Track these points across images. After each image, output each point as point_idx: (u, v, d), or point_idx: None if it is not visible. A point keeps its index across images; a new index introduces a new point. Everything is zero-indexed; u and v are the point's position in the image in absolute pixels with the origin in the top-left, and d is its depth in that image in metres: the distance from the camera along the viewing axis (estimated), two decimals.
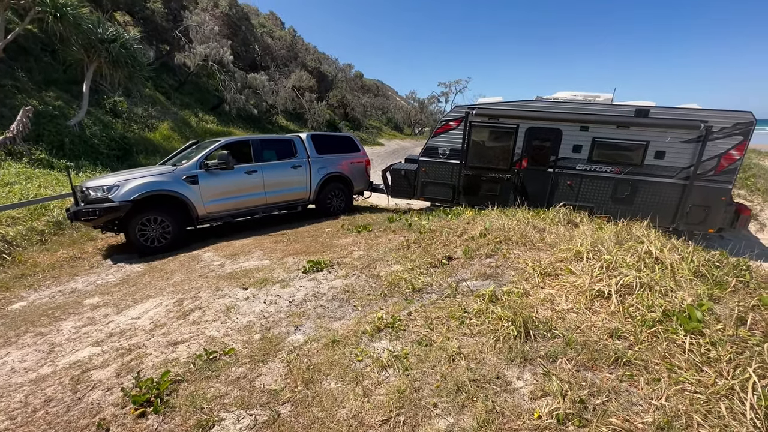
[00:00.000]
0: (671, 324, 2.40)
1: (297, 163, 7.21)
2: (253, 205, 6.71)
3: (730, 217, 6.89)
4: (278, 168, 6.96)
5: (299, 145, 7.38)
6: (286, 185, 7.08)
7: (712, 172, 6.68)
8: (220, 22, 21.34)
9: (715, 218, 6.85)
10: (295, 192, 7.25)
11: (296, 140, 7.40)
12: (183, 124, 17.36)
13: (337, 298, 3.50)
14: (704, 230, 6.99)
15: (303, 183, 7.33)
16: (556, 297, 3.00)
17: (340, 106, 33.38)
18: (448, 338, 2.59)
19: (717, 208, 6.78)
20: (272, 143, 7.16)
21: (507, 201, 7.21)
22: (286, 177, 7.07)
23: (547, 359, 2.29)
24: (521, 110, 7.04)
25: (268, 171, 6.77)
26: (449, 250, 4.30)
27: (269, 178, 6.78)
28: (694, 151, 6.64)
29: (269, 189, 6.81)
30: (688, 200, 6.79)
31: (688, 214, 6.85)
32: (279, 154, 7.07)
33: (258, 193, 6.69)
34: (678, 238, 4.28)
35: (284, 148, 7.19)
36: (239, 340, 2.83)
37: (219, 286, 3.94)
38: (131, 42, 12.57)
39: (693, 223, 6.92)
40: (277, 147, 7.14)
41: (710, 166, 6.66)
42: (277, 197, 6.99)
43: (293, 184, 7.19)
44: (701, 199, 6.77)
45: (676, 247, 3.50)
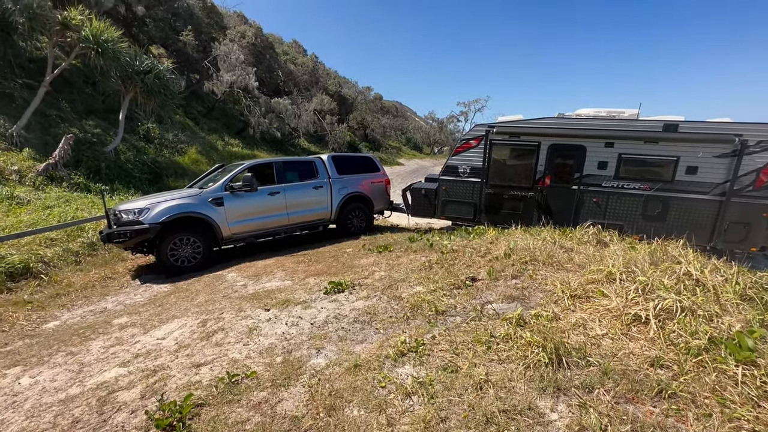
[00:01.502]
0: (719, 353, 2.22)
1: (318, 184, 7.31)
2: (275, 225, 6.83)
3: None
4: (300, 189, 7.08)
5: (320, 166, 7.49)
6: (307, 206, 7.17)
7: (751, 188, 6.35)
8: (246, 51, 22.45)
9: (757, 236, 6.46)
10: (316, 212, 7.33)
11: (317, 161, 7.52)
12: (210, 148, 18.09)
13: (359, 320, 3.44)
14: (746, 249, 6.56)
15: (324, 203, 7.40)
16: (588, 321, 2.85)
17: (360, 128, 34.05)
18: (474, 364, 2.48)
19: (758, 226, 6.42)
20: (294, 165, 7.32)
21: (530, 219, 7.04)
22: (307, 198, 7.17)
23: (582, 389, 2.15)
24: (543, 127, 6.96)
25: (290, 192, 6.90)
26: (473, 270, 4.20)
27: (291, 198, 6.90)
28: (729, 166, 6.34)
29: (291, 210, 6.91)
30: (726, 217, 6.44)
31: (726, 231, 6.47)
32: (301, 176, 7.21)
33: (281, 213, 6.81)
34: (718, 257, 4.03)
35: (306, 170, 7.31)
36: (261, 363, 2.81)
37: (242, 307, 3.96)
38: (164, 73, 13.34)
39: (733, 241, 6.53)
40: (299, 168, 7.28)
41: (748, 182, 6.34)
42: (299, 218, 7.09)
43: (315, 205, 7.28)
44: (740, 215, 6.42)
45: (718, 268, 3.28)
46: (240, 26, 25.42)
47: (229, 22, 26.76)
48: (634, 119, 6.84)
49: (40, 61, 12.78)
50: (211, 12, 23.99)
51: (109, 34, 11.63)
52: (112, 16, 16.42)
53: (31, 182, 9.41)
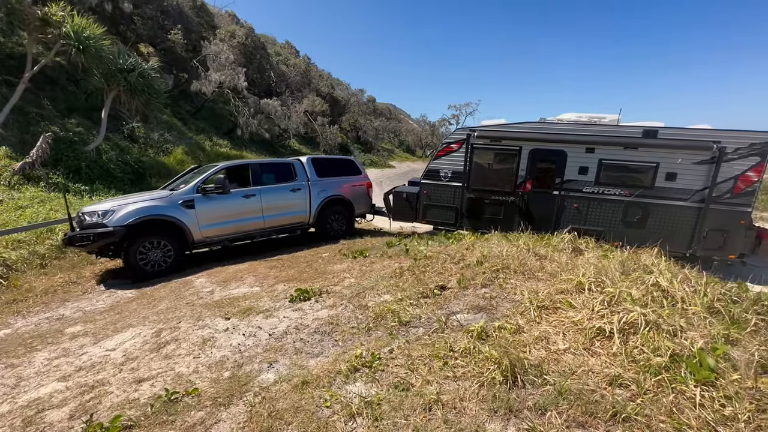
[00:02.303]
0: (680, 372, 2.11)
1: (296, 187, 7.15)
2: (250, 229, 6.65)
3: (751, 243, 6.47)
4: (277, 191, 6.90)
5: (299, 168, 7.32)
6: (284, 209, 7.00)
7: (729, 195, 6.32)
8: (236, 51, 22.24)
9: (735, 243, 6.43)
10: (294, 215, 7.17)
11: (296, 163, 7.35)
12: (197, 148, 17.84)
13: (320, 330, 3.30)
14: (724, 256, 6.52)
15: (302, 206, 7.25)
16: (552, 334, 2.73)
17: (353, 130, 33.91)
18: (428, 381, 2.35)
19: (736, 233, 6.38)
20: (271, 167, 7.16)
21: (512, 225, 6.93)
22: (285, 200, 7.00)
23: (535, 411, 2.03)
24: (524, 132, 6.88)
25: (266, 194, 6.72)
26: (444, 278, 4.07)
27: (268, 201, 6.72)
28: (708, 172, 6.31)
29: (268, 213, 6.73)
30: (705, 224, 6.41)
31: (705, 239, 6.43)
32: (278, 178, 7.04)
33: (256, 217, 6.63)
34: (694, 264, 3.96)
35: (284, 172, 7.14)
36: (207, 378, 2.65)
37: (201, 315, 3.79)
38: (148, 71, 13.11)
39: (711, 248, 6.49)
40: (277, 170, 7.11)
41: (726, 189, 6.30)
42: (276, 221, 6.92)
43: (292, 208, 7.11)
44: (718, 223, 6.38)
45: (689, 278, 3.18)
46: (231, 26, 25.21)
47: (219, 21, 26.54)
48: (615, 125, 6.79)
49: (21, 57, 12.49)
50: (201, 11, 23.76)
51: (91, 31, 11.39)
52: (98, 13, 16.15)
53: (6, 182, 9.15)
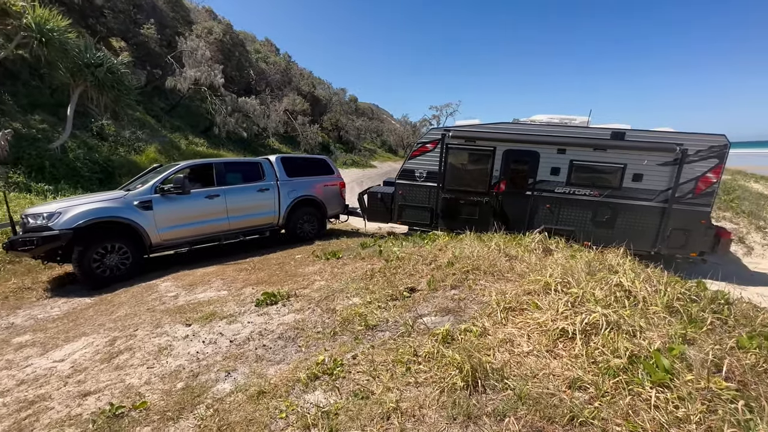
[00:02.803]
0: (637, 373, 2.11)
1: (264, 187, 6.91)
2: (214, 231, 6.36)
3: (711, 241, 6.78)
4: (243, 192, 6.65)
5: (267, 167, 7.09)
6: (251, 210, 6.75)
7: (690, 195, 6.61)
8: (213, 48, 21.72)
9: (696, 242, 6.74)
10: (261, 217, 6.92)
11: (264, 163, 7.13)
12: (172, 147, 17.30)
13: (284, 336, 3.19)
14: (686, 254, 6.85)
15: (271, 207, 7.01)
16: (516, 337, 2.71)
17: (334, 129, 33.65)
18: (388, 388, 2.28)
19: (697, 232, 6.69)
20: (238, 166, 6.93)
21: (486, 225, 6.97)
22: (251, 201, 6.74)
23: (494, 417, 1.99)
24: (498, 132, 6.93)
25: (231, 195, 6.45)
26: (414, 280, 4.02)
27: (233, 202, 6.45)
28: (671, 174, 6.57)
29: (233, 214, 6.47)
30: (668, 223, 6.68)
31: (669, 237, 6.70)
32: (245, 178, 6.79)
33: (220, 218, 6.37)
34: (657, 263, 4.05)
35: (251, 171, 6.89)
36: (159, 390, 2.51)
37: (161, 322, 3.62)
38: (118, 66, 12.61)
39: (674, 247, 6.79)
40: (243, 170, 6.87)
41: (688, 189, 6.59)
42: (242, 222, 6.68)
43: (260, 209, 6.87)
44: (681, 222, 6.67)
45: (651, 278, 3.23)
46: (208, 22, 24.61)
47: (196, 17, 25.87)
48: (585, 126, 6.94)
49: None
50: (176, 6, 23.11)
51: (55, 23, 10.87)
52: (65, 4, 15.47)
53: None
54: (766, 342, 2.35)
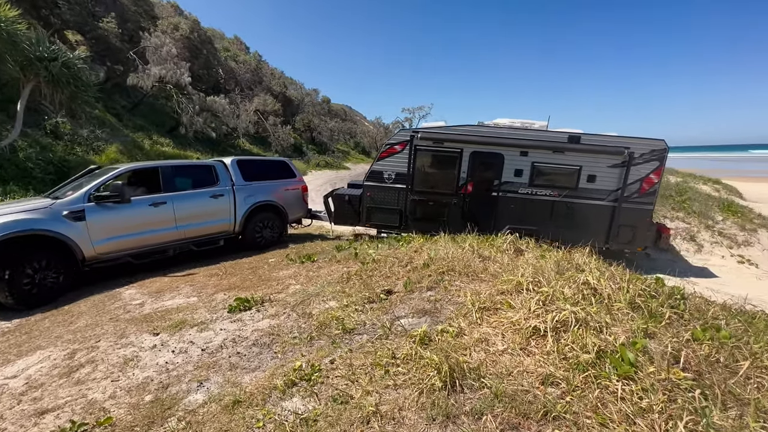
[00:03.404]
0: (605, 367, 2.22)
1: (218, 192, 6.43)
2: (161, 241, 5.82)
3: (653, 236, 7.49)
4: (194, 198, 6.14)
5: (221, 171, 6.62)
6: (204, 217, 6.25)
7: (636, 195, 7.22)
8: (179, 44, 20.91)
9: (642, 237, 7.38)
10: (215, 224, 6.45)
11: (218, 166, 6.64)
12: (134, 147, 16.49)
13: (259, 342, 3.11)
14: (633, 249, 7.50)
15: (226, 214, 6.54)
16: (491, 336, 2.78)
17: (307, 130, 33.25)
18: (368, 392, 2.28)
19: (642, 228, 7.33)
20: (188, 170, 6.41)
21: (455, 226, 7.09)
22: (204, 208, 6.24)
23: (472, 416, 2.03)
24: (466, 135, 7.15)
25: (180, 202, 5.92)
26: (391, 282, 4.04)
27: (183, 209, 5.93)
28: (620, 175, 7.15)
29: (183, 222, 5.96)
30: (618, 221, 7.24)
31: (618, 234, 7.29)
32: (196, 183, 6.28)
33: (168, 227, 5.83)
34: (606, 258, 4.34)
35: (203, 175, 6.41)
36: (125, 404, 2.38)
37: (126, 332, 3.44)
38: (74, 61, 11.90)
39: (623, 242, 7.40)
40: (194, 174, 6.37)
41: (634, 189, 7.19)
42: (193, 231, 6.16)
43: (213, 216, 6.39)
44: (628, 219, 7.27)
45: (614, 276, 3.41)
46: (173, 17, 23.68)
47: (161, 12, 24.85)
48: (545, 130, 7.32)
49: None
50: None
51: (2, 12, 10.12)
52: None
53: None
54: (717, 333, 2.54)
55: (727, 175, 23.27)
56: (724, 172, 30.62)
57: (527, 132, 7.22)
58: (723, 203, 11.94)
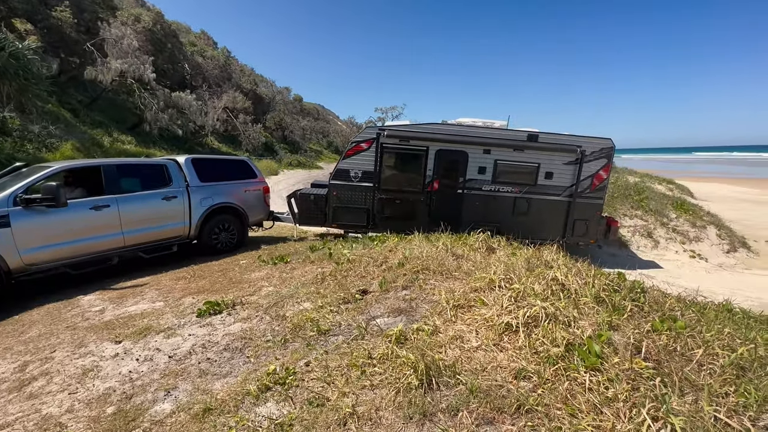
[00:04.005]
0: (573, 359, 2.31)
1: (171, 194, 5.91)
2: (104, 248, 5.25)
3: (603, 229, 8.04)
4: (143, 200, 5.61)
5: (174, 171, 6.08)
6: (154, 221, 5.75)
7: (588, 190, 7.73)
8: (142, 37, 19.93)
9: (594, 230, 7.92)
10: (167, 229, 5.94)
11: (170, 165, 6.08)
12: (93, 144, 15.56)
13: (230, 347, 3.01)
14: (586, 241, 8.00)
15: (179, 217, 6.04)
16: (466, 333, 2.83)
17: (278, 129, 32.60)
18: (344, 393, 2.26)
19: (594, 222, 7.87)
20: (135, 169, 5.82)
21: (422, 224, 7.12)
22: (154, 211, 5.73)
23: (448, 413, 2.05)
24: (431, 132, 7.26)
25: (126, 205, 5.38)
26: (366, 282, 4.03)
27: (129, 213, 5.40)
28: (574, 172, 7.60)
29: (129, 228, 5.43)
30: (573, 215, 7.71)
31: (574, 227, 7.78)
32: (145, 183, 5.74)
33: (112, 233, 5.27)
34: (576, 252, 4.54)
35: (153, 176, 5.87)
36: (84, 418, 2.24)
37: (84, 340, 3.24)
38: (23, 51, 11.10)
39: (578, 235, 7.88)
40: (143, 174, 5.81)
41: (586, 185, 7.69)
42: (141, 237, 5.64)
43: (165, 220, 5.88)
44: (582, 214, 7.76)
45: (581, 272, 3.55)
46: (135, 9, 22.54)
47: (121, 2, 23.59)
48: (506, 129, 7.59)
49: None
50: None
51: None
52: None
53: None
54: (674, 324, 2.70)
55: (679, 176, 24.89)
56: (676, 173, 32.76)
57: (490, 130, 7.45)
58: (676, 202, 12.74)
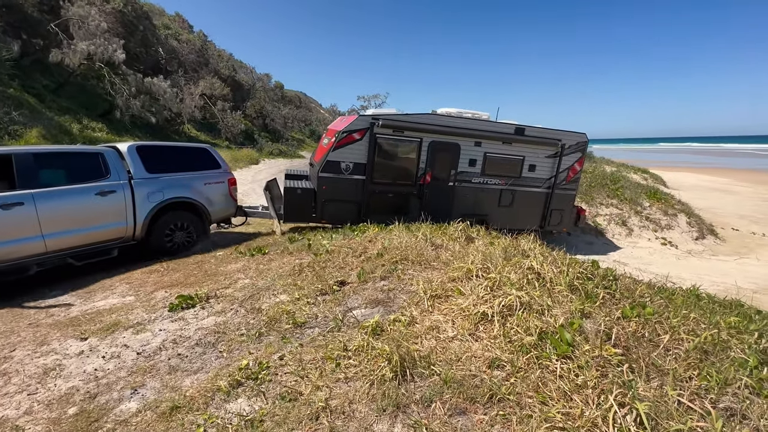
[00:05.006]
0: (546, 348, 2.34)
1: (107, 188, 5.01)
2: (16, 256, 4.36)
3: (575, 218, 8.59)
4: (69, 196, 4.70)
5: (113, 160, 5.17)
6: (85, 222, 4.85)
7: (564, 182, 8.13)
8: (111, 18, 18.91)
9: (568, 219, 8.42)
10: (104, 230, 5.05)
11: (108, 154, 5.18)
12: (60, 132, 14.80)
13: (203, 342, 2.93)
14: (560, 230, 8.53)
15: (119, 215, 5.15)
16: (442, 323, 2.83)
17: (259, 117, 31.80)
18: (318, 387, 2.22)
19: (568, 211, 8.36)
20: (60, 159, 4.92)
21: (415, 218, 7.01)
22: (85, 209, 4.84)
23: (421, 404, 2.05)
24: (426, 123, 7.05)
25: (47, 202, 4.48)
26: (344, 273, 3.98)
27: (50, 212, 4.50)
28: (553, 164, 7.94)
29: (51, 230, 4.54)
30: (551, 205, 8.10)
31: (550, 216, 8.19)
32: (73, 176, 4.83)
33: (27, 237, 4.37)
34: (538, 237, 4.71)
35: (84, 167, 4.97)
36: (44, 420, 2.13)
37: (47, 338, 3.09)
38: None
39: (554, 224, 8.30)
40: (71, 165, 4.92)
41: (563, 177, 8.08)
42: (69, 240, 4.74)
43: (100, 219, 4.98)
44: (558, 204, 8.19)
45: (556, 260, 3.60)
46: None
47: None
48: (495, 121, 7.61)
49: None
50: None
51: None
52: None
53: None
54: (643, 311, 2.76)
55: (652, 165, 25.68)
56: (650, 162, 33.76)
57: (480, 122, 7.41)
58: (650, 191, 13.14)
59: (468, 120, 7.34)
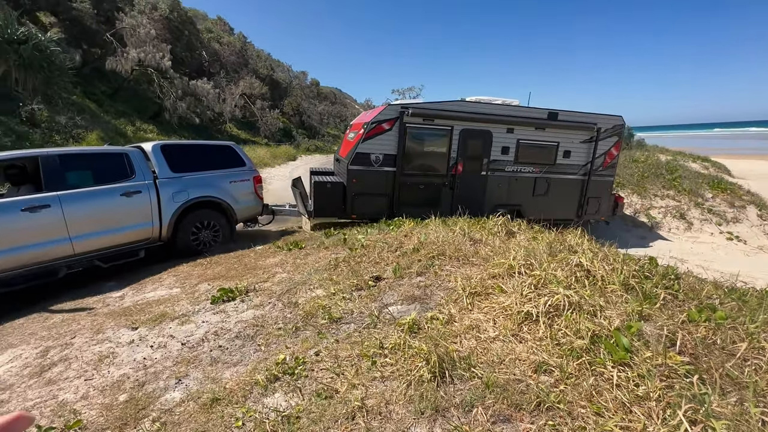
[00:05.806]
0: (599, 353, 2.14)
1: (133, 188, 5.02)
2: (45, 259, 4.38)
3: (613, 206, 8.03)
4: (96, 197, 4.70)
5: (138, 161, 5.19)
6: (111, 223, 4.85)
7: (601, 168, 7.63)
8: (159, 25, 20.05)
9: (606, 207, 7.87)
10: (130, 231, 5.06)
11: (133, 154, 5.21)
12: (117, 134, 15.96)
13: (242, 335, 2.99)
14: (598, 219, 7.97)
15: (145, 216, 5.16)
16: (482, 322, 2.68)
17: (296, 114, 32.56)
18: (353, 385, 2.17)
19: (606, 199, 7.85)
20: (85, 160, 4.92)
21: (446, 210, 6.79)
22: (111, 210, 4.83)
23: (462, 408, 1.94)
24: (456, 111, 6.82)
25: (73, 204, 4.48)
26: (380, 268, 3.92)
27: (77, 214, 4.50)
28: (589, 150, 7.45)
29: (79, 232, 4.54)
30: (587, 193, 7.62)
31: (587, 205, 7.68)
32: (99, 177, 4.85)
33: (55, 240, 4.38)
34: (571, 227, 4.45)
35: (110, 167, 4.98)
36: (98, 405, 2.25)
37: (103, 327, 3.29)
38: (46, 44, 11.35)
39: (591, 213, 7.78)
40: (97, 166, 4.94)
41: (600, 163, 7.59)
42: (96, 242, 4.75)
43: (126, 220, 4.99)
44: (595, 191, 7.68)
45: (608, 257, 3.32)
46: None
47: None
48: (526, 107, 7.22)
49: None
50: None
51: None
52: None
53: None
54: (713, 314, 2.47)
55: (715, 153, 23.40)
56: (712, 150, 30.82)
57: (511, 108, 7.09)
58: (712, 181, 11.96)
59: (499, 106, 7.05)
